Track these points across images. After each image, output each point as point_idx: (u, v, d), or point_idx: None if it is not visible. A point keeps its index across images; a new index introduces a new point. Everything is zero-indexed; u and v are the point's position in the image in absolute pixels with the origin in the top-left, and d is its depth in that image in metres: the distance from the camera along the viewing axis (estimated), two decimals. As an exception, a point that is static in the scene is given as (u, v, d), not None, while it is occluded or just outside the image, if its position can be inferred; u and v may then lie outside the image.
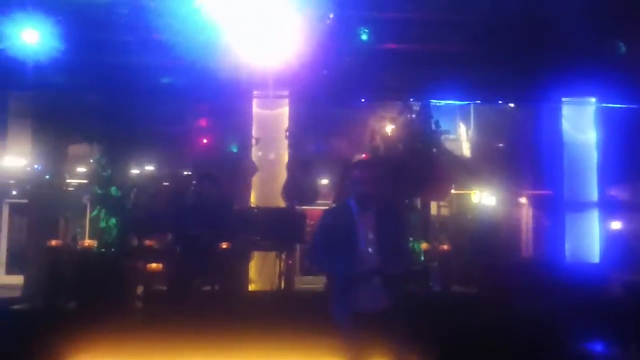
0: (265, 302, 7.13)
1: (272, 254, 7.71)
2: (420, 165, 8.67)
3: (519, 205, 12.94)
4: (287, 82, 8.41)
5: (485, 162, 14.77)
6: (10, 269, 12.28)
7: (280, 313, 6.22)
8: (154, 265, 6.56)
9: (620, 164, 9.88)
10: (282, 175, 8.49)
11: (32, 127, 9.78)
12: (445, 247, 8.29)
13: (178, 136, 8.63)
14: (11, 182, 11.72)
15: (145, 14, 7.42)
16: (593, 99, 9.39)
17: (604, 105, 9.32)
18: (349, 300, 3.97)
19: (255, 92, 8.84)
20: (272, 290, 7.67)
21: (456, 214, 15.27)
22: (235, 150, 8.63)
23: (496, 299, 7.42)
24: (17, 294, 8.64)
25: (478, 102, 11.14)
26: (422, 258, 8.35)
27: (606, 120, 9.41)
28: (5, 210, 12.82)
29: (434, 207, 14.64)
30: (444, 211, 15.77)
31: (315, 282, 8.25)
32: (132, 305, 6.89)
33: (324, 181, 10.64)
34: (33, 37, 7.36)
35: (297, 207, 8.15)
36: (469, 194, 14.67)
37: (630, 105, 9.30)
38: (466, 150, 16.20)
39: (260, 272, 8.01)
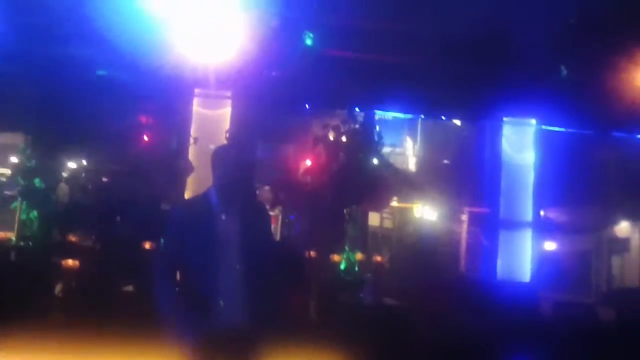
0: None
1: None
2: (360, 175, 8.60)
3: (458, 221, 13.10)
4: (230, 82, 8.23)
5: (429, 177, 14.93)
6: None
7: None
8: (70, 262, 6.24)
9: (556, 186, 10.09)
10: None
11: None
12: (379, 258, 8.23)
13: (112, 131, 8.30)
14: None
15: (84, 3, 7.14)
16: (533, 121, 9.55)
17: (543, 127, 9.49)
18: (195, 318, 3.24)
19: (196, 91, 8.61)
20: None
21: (398, 227, 15.37)
22: (172, 148, 8.37)
23: (427, 313, 7.39)
24: None
25: (422, 116, 11.21)
26: (356, 269, 8.27)
27: (545, 142, 9.59)
28: None
29: (377, 218, 14.73)
30: (387, 223, 15.87)
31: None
32: (48, 301, 6.54)
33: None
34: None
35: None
36: (412, 207, 14.79)
37: (568, 129, 9.50)
38: (412, 164, 16.37)
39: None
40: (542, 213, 10.52)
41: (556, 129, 9.58)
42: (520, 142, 9.57)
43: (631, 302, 10.02)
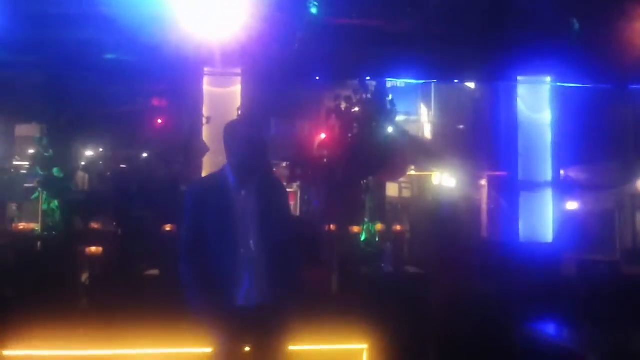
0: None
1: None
2: (375, 145, 8.53)
3: (477, 186, 13.00)
4: (238, 59, 8.17)
5: (445, 143, 14.83)
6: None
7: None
8: (97, 248, 6.31)
9: (575, 144, 9.94)
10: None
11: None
12: (399, 228, 8.20)
13: (125, 115, 8.32)
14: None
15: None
16: (548, 78, 9.37)
17: (559, 84, 9.31)
18: (216, 294, 3.35)
19: (205, 70, 8.56)
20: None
21: (417, 196, 15.32)
22: (185, 129, 8.36)
23: (449, 279, 7.39)
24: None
25: (434, 80, 11.07)
26: (377, 239, 8.25)
27: (561, 99, 9.42)
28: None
29: (395, 189, 14.70)
30: (406, 193, 15.82)
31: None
32: (73, 289, 6.63)
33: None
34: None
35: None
36: (430, 175, 14.72)
37: (585, 85, 9.31)
38: (427, 131, 16.25)
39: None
40: (562, 173, 10.38)
41: (572, 85, 9.39)
42: (536, 101, 9.40)
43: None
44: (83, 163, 8.56)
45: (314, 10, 7.48)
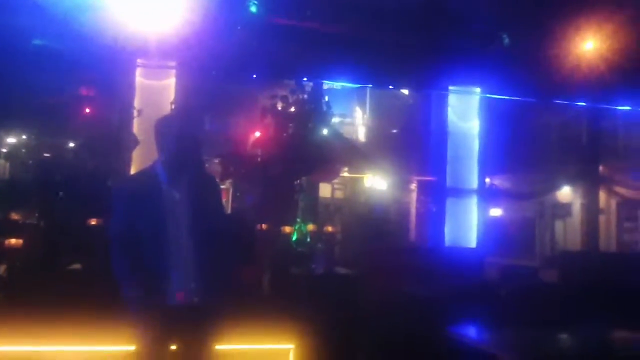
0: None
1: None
2: (310, 146, 8.57)
3: (407, 190, 13.29)
4: (174, 52, 8.02)
5: (378, 147, 15.07)
6: None
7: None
8: (13, 240, 6.03)
9: (500, 154, 10.34)
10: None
11: None
12: (330, 228, 8.28)
13: (51, 104, 7.99)
14: None
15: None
16: (478, 89, 9.69)
17: (487, 95, 9.65)
18: (147, 291, 3.28)
19: (139, 61, 8.35)
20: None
21: (349, 197, 15.49)
22: (114, 121, 8.12)
23: (377, 280, 7.50)
24: None
25: (369, 85, 11.22)
26: (308, 240, 8.29)
27: (489, 110, 9.76)
28: None
29: (328, 189, 14.81)
30: (338, 194, 15.97)
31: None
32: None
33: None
34: None
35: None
36: (362, 177, 14.92)
37: (512, 97, 9.69)
38: (361, 134, 16.46)
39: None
40: (487, 181, 10.76)
41: (500, 97, 9.76)
42: (465, 111, 9.71)
43: (573, 265, 10.42)
44: (4, 150, 8.15)
45: (253, 9, 7.45)
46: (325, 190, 13.98)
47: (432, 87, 9.68)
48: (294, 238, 8.28)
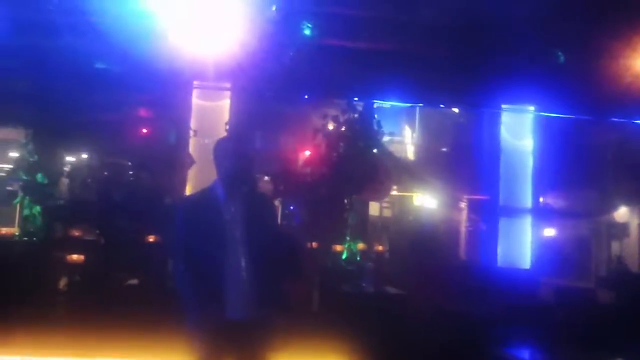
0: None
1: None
2: (360, 165, 8.63)
3: (457, 209, 13.15)
4: (228, 74, 8.23)
5: (428, 165, 14.98)
6: None
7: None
8: (77, 256, 6.28)
9: (555, 173, 10.14)
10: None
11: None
12: (381, 247, 8.28)
13: (113, 125, 8.31)
14: None
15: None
16: (532, 107, 9.57)
17: (541, 113, 9.51)
18: (206, 308, 3.37)
19: (195, 83, 8.61)
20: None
21: (398, 215, 15.42)
22: (172, 141, 8.38)
23: (428, 300, 7.45)
24: None
25: (420, 104, 11.22)
26: (358, 258, 8.32)
27: (543, 128, 9.61)
28: None
29: (376, 208, 14.79)
30: (387, 212, 15.92)
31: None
32: (52, 296, 6.59)
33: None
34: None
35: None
36: (411, 196, 14.84)
37: (567, 115, 9.52)
38: (410, 152, 16.41)
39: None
40: (541, 199, 10.56)
41: (555, 115, 9.60)
42: (519, 129, 9.59)
43: (630, 287, 10.10)
44: (67, 169, 8.50)
45: (307, 32, 7.59)
46: (373, 208, 13.96)
47: (484, 105, 9.60)
48: (344, 256, 8.32)
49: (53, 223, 7.47)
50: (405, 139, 16.35)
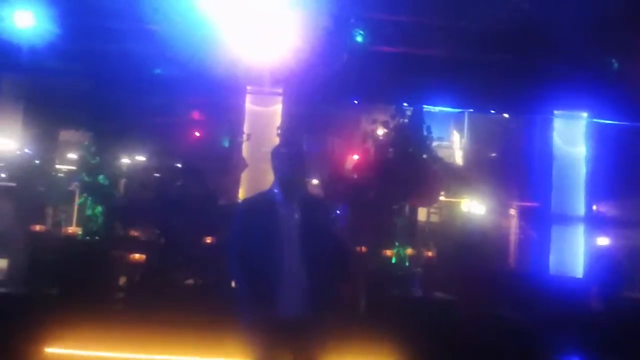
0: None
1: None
2: (410, 170, 8.66)
3: (507, 215, 12.98)
4: (281, 79, 8.40)
5: (476, 171, 14.81)
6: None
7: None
8: (137, 255, 6.54)
9: (609, 180, 9.93)
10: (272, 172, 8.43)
11: (23, 111, 9.78)
12: (430, 253, 8.29)
13: (169, 128, 8.58)
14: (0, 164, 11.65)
15: (142, 3, 7.41)
16: (584, 114, 9.42)
17: (595, 120, 9.36)
18: (261, 307, 3.51)
19: (249, 88, 8.81)
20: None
21: (445, 221, 15.29)
22: (226, 145, 8.60)
23: (478, 307, 7.44)
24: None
25: (471, 110, 11.16)
26: (407, 263, 8.35)
27: (596, 135, 9.45)
28: (-8, 193, 12.71)
29: (423, 213, 14.71)
30: (434, 217, 15.81)
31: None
32: (113, 294, 6.87)
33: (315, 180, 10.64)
34: (27, 20, 7.33)
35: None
36: (459, 201, 14.71)
37: (620, 122, 9.35)
38: (458, 158, 16.25)
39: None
40: (594, 207, 10.36)
41: (608, 121, 9.43)
42: (572, 136, 9.45)
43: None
44: (126, 171, 8.81)
45: (359, 39, 7.69)
46: (420, 213, 13.90)
47: (535, 112, 9.50)
48: (393, 261, 8.36)
49: (114, 223, 7.77)
50: (454, 144, 16.22)
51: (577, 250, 9.16)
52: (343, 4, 7.51)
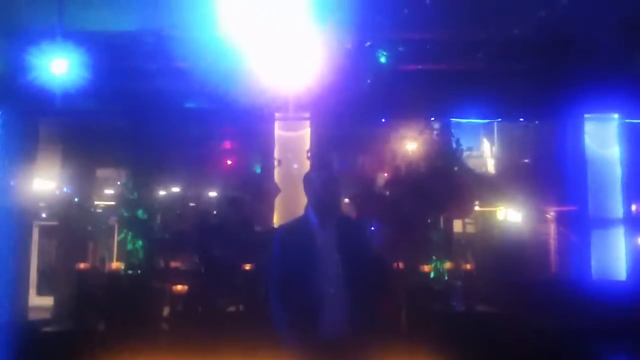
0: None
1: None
2: (442, 184, 8.67)
3: (544, 221, 12.82)
4: (308, 104, 8.53)
5: (509, 179, 14.67)
6: (40, 291, 12.51)
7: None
8: (179, 286, 6.68)
9: (645, 180, 9.76)
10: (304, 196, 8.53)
11: (61, 152, 10.13)
12: (469, 266, 8.26)
13: (202, 159, 8.80)
14: (41, 204, 12.01)
15: (169, 42, 7.65)
16: (616, 115, 9.31)
17: (627, 120, 9.23)
18: (302, 330, 3.56)
19: (277, 115, 8.97)
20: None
21: (482, 231, 15.16)
22: (258, 171, 8.76)
23: (522, 317, 7.37)
24: (47, 315, 8.84)
25: (499, 120, 11.11)
26: (446, 277, 8.34)
27: (629, 135, 9.32)
28: (36, 232, 13.02)
29: (459, 225, 14.60)
30: (470, 228, 15.68)
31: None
32: (159, 326, 7.01)
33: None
34: (62, 67, 7.63)
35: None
36: (494, 211, 14.58)
37: (654, 121, 9.22)
38: (490, 167, 16.13)
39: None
40: (633, 208, 10.18)
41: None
42: (604, 138, 9.33)
43: None
44: (163, 204, 9.03)
45: (383, 60, 7.78)
46: (456, 225, 13.81)
47: (565, 116, 9.42)
48: (432, 275, 8.36)
49: (155, 256, 7.95)
50: (484, 153, 16.12)
51: (619, 253, 8.99)
52: (365, 26, 7.61)
